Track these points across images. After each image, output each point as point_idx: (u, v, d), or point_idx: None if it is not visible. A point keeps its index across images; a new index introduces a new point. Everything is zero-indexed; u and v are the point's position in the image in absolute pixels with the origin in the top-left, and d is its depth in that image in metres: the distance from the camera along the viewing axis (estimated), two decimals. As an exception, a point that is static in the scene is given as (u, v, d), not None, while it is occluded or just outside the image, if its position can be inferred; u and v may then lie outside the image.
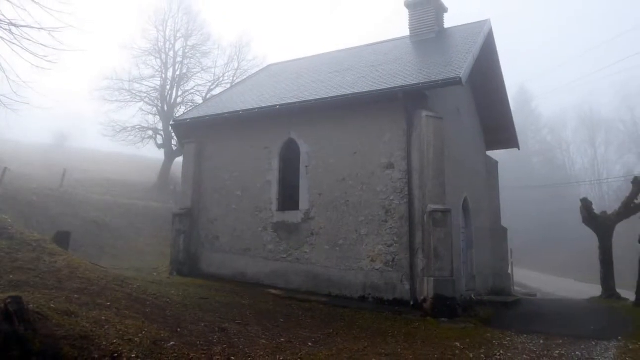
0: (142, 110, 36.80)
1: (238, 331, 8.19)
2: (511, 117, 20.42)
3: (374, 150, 13.34)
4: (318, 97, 14.24)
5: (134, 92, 36.29)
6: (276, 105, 14.76)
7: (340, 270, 13.21)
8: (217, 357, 6.51)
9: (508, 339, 9.50)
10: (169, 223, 17.39)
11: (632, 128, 65.03)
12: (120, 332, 6.35)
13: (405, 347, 8.39)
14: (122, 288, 9.44)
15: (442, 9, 19.51)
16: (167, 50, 37.53)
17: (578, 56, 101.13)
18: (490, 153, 21.06)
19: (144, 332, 6.66)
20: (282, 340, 8.12)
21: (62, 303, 6.94)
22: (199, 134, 16.82)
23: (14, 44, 10.25)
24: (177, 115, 31.61)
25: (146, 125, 37.08)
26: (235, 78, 36.96)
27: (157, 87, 37.13)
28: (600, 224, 20.46)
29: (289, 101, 14.75)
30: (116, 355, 5.63)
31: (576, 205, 23.07)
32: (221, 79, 38.05)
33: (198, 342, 6.99)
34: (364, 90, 13.44)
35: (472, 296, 15.03)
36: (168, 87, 37.32)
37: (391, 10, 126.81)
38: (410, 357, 7.67)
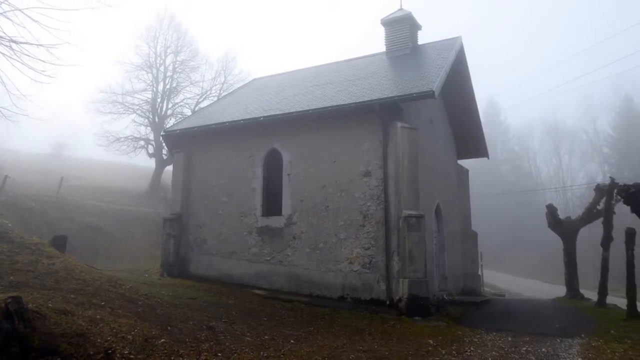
0: (135, 121, 37.15)
1: (224, 329, 8.25)
2: (481, 128, 20.67)
3: (352, 159, 13.42)
4: (300, 109, 14.33)
5: (127, 104, 36.44)
6: (260, 117, 14.82)
7: (320, 272, 13.30)
8: (205, 354, 6.58)
9: (478, 336, 9.61)
10: (160, 227, 17.36)
11: (594, 138, 66.40)
12: (114, 330, 6.38)
13: (381, 344, 8.48)
14: (116, 289, 9.44)
15: (416, 27, 19.74)
16: (157, 65, 37.67)
17: (544, 70, 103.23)
18: (461, 162, 21.31)
19: (136, 330, 6.69)
20: (266, 337, 8.19)
21: (59, 303, 6.95)
22: (188, 144, 16.85)
23: (14, 59, 10.30)
24: (167, 127, 31.59)
25: (138, 136, 37.27)
26: (222, 91, 37.22)
27: (149, 99, 37.23)
28: (565, 229, 20.78)
29: (272, 113, 14.81)
30: (110, 351, 5.68)
31: (542, 211, 23.52)
32: (209, 92, 38.34)
33: (187, 340, 7.04)
34: (343, 103, 13.50)
35: (444, 296, 15.17)
36: (159, 99, 37.45)
37: (368, 27, 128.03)
38: (386, 353, 7.77)
